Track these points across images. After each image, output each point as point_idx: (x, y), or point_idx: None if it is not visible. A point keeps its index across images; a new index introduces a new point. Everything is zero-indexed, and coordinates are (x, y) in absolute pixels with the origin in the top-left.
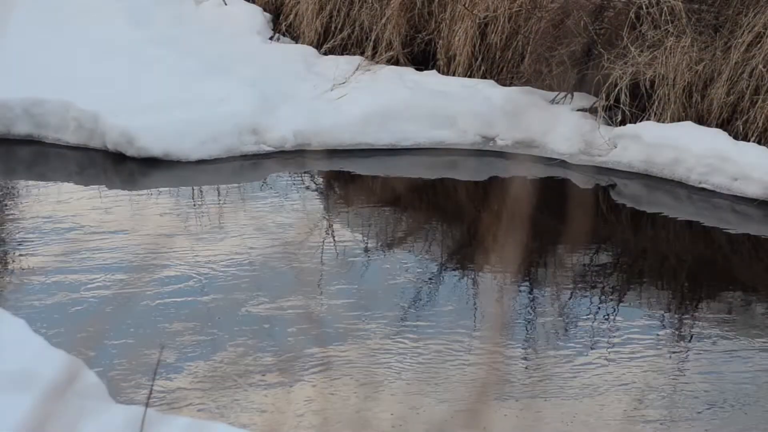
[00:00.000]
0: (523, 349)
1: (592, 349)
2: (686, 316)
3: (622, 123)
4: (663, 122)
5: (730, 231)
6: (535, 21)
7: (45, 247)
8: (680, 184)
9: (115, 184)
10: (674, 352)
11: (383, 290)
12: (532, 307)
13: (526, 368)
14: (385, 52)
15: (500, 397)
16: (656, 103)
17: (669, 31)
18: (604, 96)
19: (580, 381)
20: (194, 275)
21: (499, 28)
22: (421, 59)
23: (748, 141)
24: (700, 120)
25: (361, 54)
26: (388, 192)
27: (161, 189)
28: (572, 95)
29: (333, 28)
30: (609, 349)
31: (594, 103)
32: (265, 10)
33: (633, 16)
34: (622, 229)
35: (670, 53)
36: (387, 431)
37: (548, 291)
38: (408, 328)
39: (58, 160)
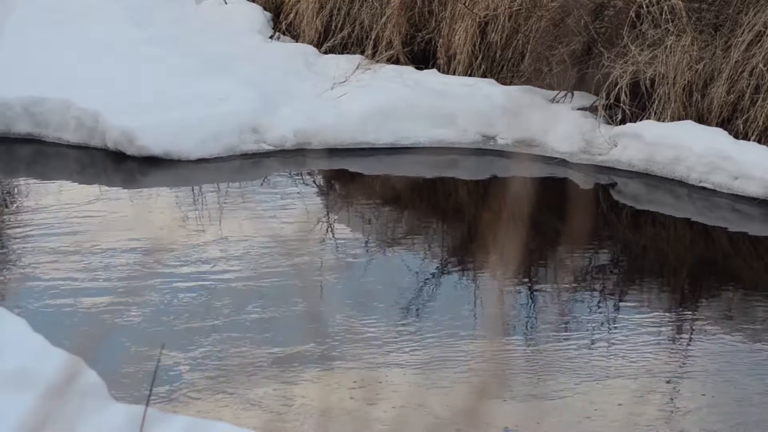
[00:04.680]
0: (523, 347)
1: (591, 347)
2: (686, 314)
3: (623, 122)
4: (663, 121)
5: (731, 230)
6: (536, 20)
7: (45, 246)
8: (680, 183)
9: (116, 183)
10: (674, 351)
11: (384, 289)
12: (532, 306)
13: (527, 366)
14: (386, 51)
15: (501, 395)
16: (656, 101)
17: (669, 29)
18: (604, 95)
19: (580, 379)
20: (194, 274)
21: (500, 27)
22: (422, 58)
23: (749, 140)
24: (701, 119)
25: (362, 53)
26: (388, 191)
27: (161, 188)
28: (572, 94)
29: (333, 27)
30: (608, 348)
31: (594, 101)
32: (265, 9)
33: (633, 14)
34: (622, 228)
35: (671, 52)
36: (388, 430)
37: (548, 290)
38: (409, 326)
39: (59, 159)
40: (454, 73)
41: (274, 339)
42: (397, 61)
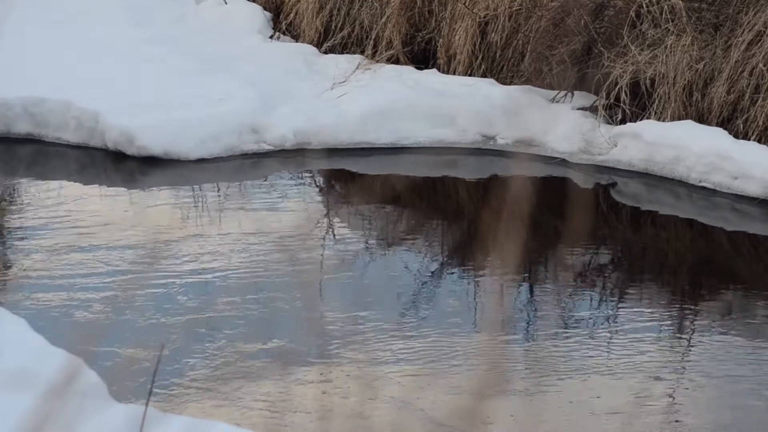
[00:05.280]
0: (523, 346)
1: (591, 346)
2: (686, 314)
3: (623, 122)
4: (663, 121)
5: (731, 230)
6: (536, 20)
7: (45, 246)
8: (680, 183)
9: (116, 183)
10: (674, 350)
11: (383, 288)
12: (532, 305)
13: (526, 365)
14: (386, 51)
15: (501, 394)
16: (656, 101)
17: (669, 29)
18: (604, 95)
19: (580, 378)
20: (194, 274)
21: (500, 26)
22: (422, 58)
23: (749, 140)
24: (701, 119)
25: (362, 53)
26: (388, 191)
27: (161, 188)
28: (572, 94)
29: (333, 27)
30: (608, 347)
31: (594, 101)
32: (265, 8)
33: (633, 14)
34: (622, 227)
35: (671, 52)
36: (388, 429)
37: (548, 289)
38: (408, 325)
39: (58, 159)
40: (454, 73)
41: (274, 338)
42: (397, 61)
